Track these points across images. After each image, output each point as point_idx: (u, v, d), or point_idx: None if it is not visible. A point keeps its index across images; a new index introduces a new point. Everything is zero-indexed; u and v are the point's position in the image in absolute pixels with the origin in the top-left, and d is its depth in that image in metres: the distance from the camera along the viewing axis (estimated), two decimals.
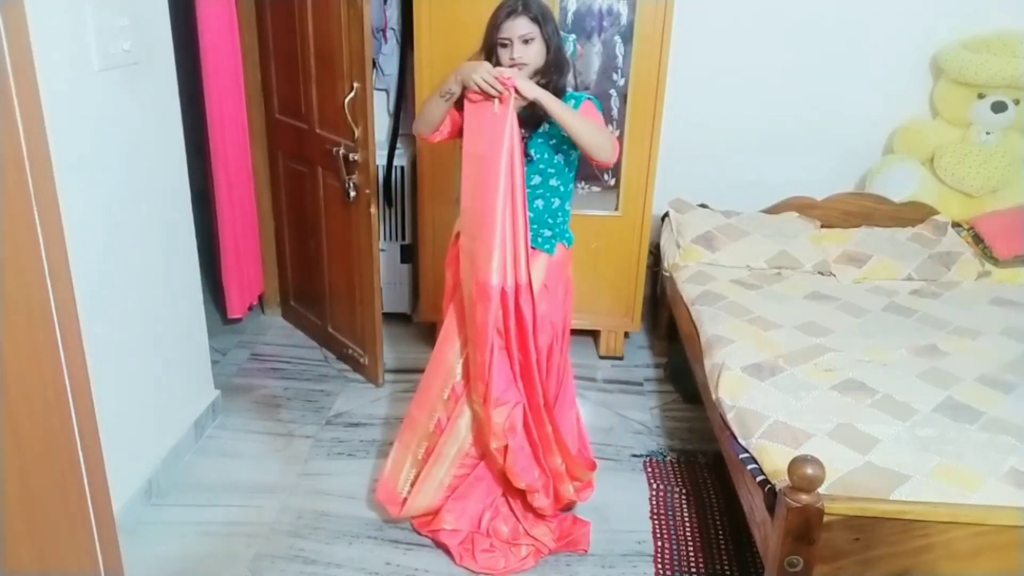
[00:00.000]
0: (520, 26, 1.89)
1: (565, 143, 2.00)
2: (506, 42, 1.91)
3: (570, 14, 2.84)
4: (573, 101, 1.99)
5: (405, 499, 2.22)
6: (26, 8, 1.32)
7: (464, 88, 1.87)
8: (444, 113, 1.98)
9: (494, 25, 1.92)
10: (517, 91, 1.83)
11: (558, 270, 2.10)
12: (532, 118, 1.96)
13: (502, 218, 1.88)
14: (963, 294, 2.86)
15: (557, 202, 2.08)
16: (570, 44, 2.74)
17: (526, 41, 1.90)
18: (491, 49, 1.94)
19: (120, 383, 2.15)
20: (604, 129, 1.97)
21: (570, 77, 2.06)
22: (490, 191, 1.87)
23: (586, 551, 2.21)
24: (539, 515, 2.22)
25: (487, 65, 1.86)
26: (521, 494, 2.22)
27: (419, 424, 2.20)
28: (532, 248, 2.05)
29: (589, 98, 2.03)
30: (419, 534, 2.24)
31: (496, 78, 1.82)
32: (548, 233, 2.08)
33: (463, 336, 2.12)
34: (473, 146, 1.91)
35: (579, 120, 1.89)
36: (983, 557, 1.65)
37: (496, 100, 1.85)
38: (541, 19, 1.90)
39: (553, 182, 2.04)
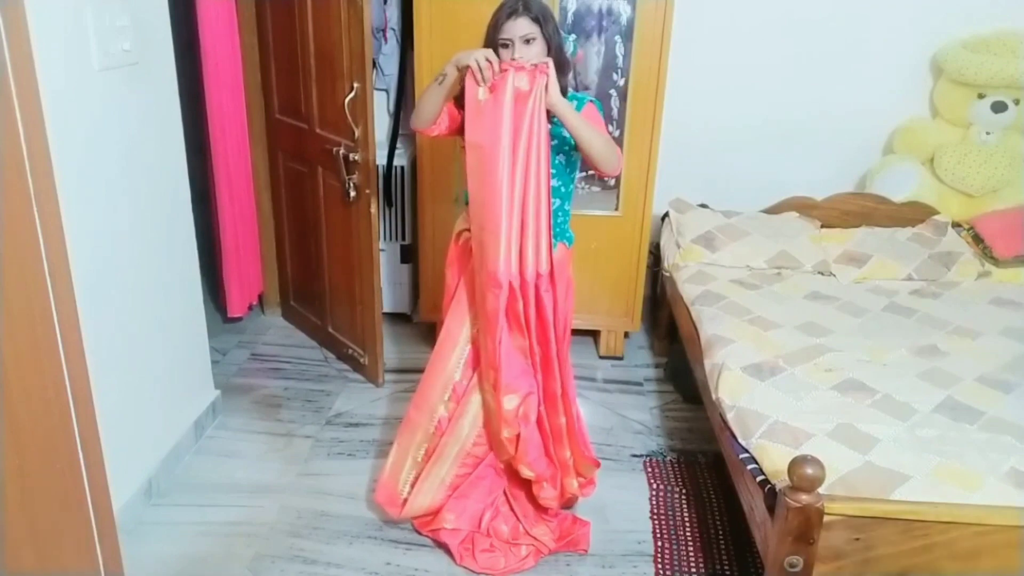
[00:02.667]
0: (521, 26, 1.89)
1: (567, 144, 2.00)
2: (507, 42, 1.90)
3: (570, 14, 2.84)
4: (575, 102, 1.99)
5: (405, 500, 2.22)
6: (26, 8, 1.32)
7: (461, 71, 1.88)
8: (440, 102, 1.97)
9: (495, 25, 1.92)
10: (546, 87, 1.83)
11: (559, 269, 2.10)
12: None
13: (509, 207, 1.87)
14: (963, 294, 2.86)
15: (557, 202, 2.08)
16: (570, 44, 2.74)
17: (527, 41, 1.89)
18: (492, 49, 1.94)
19: (120, 383, 2.15)
20: (609, 138, 1.98)
21: (570, 77, 2.06)
22: (492, 180, 1.87)
23: (586, 551, 2.21)
24: (540, 514, 2.22)
25: (489, 51, 1.86)
26: (523, 491, 2.22)
27: (418, 426, 2.20)
28: None
29: (592, 101, 2.03)
30: (419, 534, 2.24)
31: (501, 65, 1.85)
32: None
33: (474, 326, 2.12)
34: (472, 135, 1.91)
35: (592, 133, 1.91)
36: (983, 557, 1.65)
37: (483, 87, 1.85)
38: (542, 19, 1.90)
39: (554, 182, 2.04)
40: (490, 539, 2.18)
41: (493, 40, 1.93)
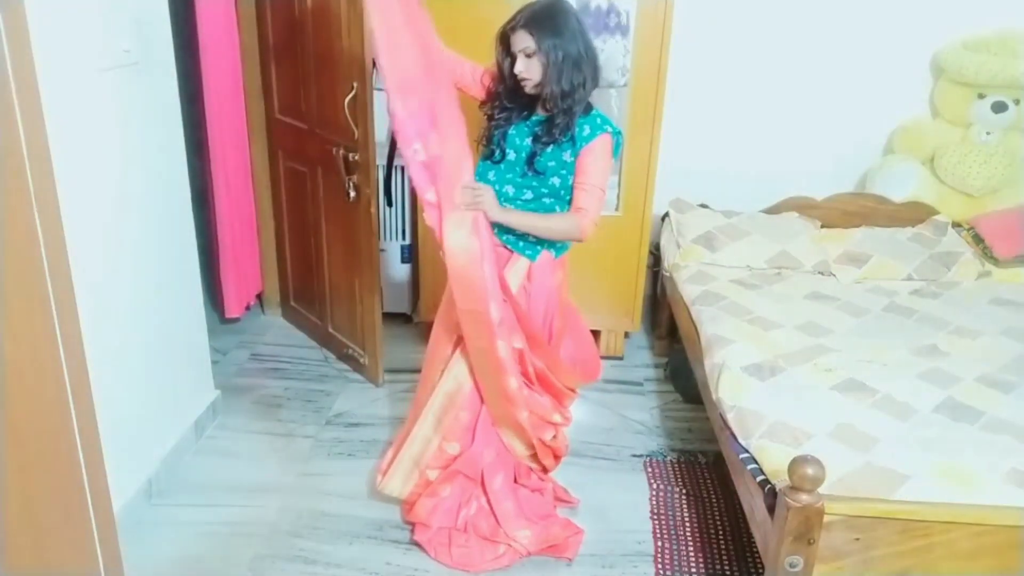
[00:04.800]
0: (520, 40, 1.87)
1: (565, 168, 1.97)
2: (513, 55, 1.89)
3: None
4: (588, 128, 1.94)
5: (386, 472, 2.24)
6: (26, 8, 1.32)
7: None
8: None
9: (500, 39, 1.92)
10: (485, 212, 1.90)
11: (541, 277, 2.08)
12: (545, 133, 1.94)
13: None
14: (963, 294, 2.86)
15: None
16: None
17: (528, 55, 1.87)
18: (500, 63, 1.94)
19: (120, 383, 2.15)
20: (568, 217, 1.98)
21: (583, 94, 1.91)
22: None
23: (571, 559, 2.18)
24: (524, 516, 2.20)
25: (468, 181, 1.89)
26: (503, 494, 2.19)
27: (421, 404, 2.19)
28: (512, 252, 2.05)
29: (608, 133, 1.94)
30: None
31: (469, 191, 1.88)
32: (532, 239, 2.05)
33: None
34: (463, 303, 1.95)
35: (545, 226, 1.98)
36: (983, 557, 1.65)
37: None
38: (538, 33, 1.84)
39: (547, 200, 2.02)
40: (467, 535, 2.17)
41: (499, 54, 1.93)
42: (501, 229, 2.03)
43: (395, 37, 1.83)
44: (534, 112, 2.00)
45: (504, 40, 1.92)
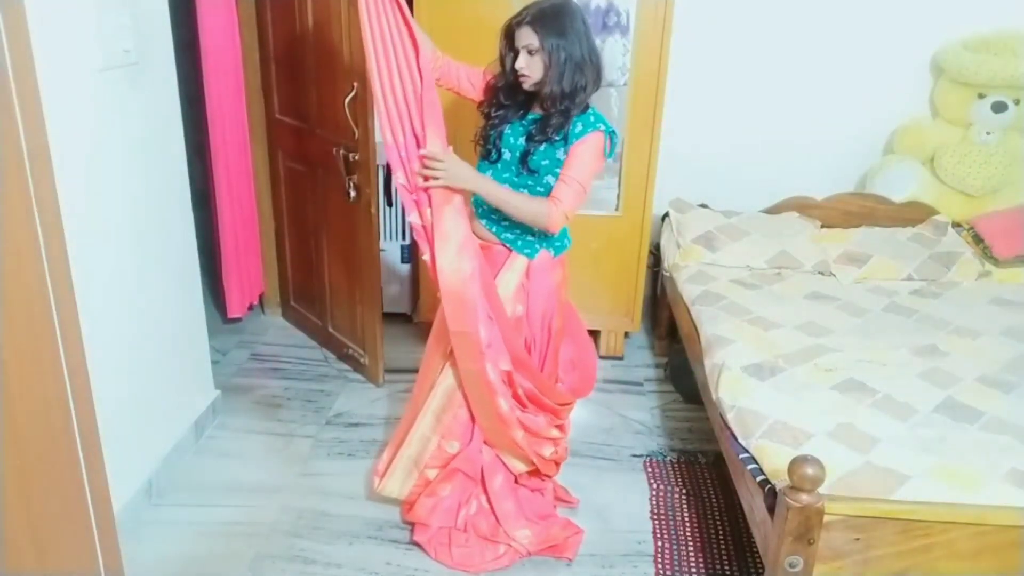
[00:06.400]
0: (523, 36, 1.87)
1: (558, 166, 1.96)
2: (516, 50, 1.89)
3: None
4: (581, 125, 1.92)
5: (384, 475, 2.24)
6: (26, 8, 1.32)
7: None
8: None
9: (505, 32, 1.92)
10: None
11: (540, 276, 2.07)
12: (539, 131, 1.94)
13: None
14: (963, 294, 2.86)
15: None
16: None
17: (531, 52, 1.87)
18: (503, 57, 1.93)
19: (120, 383, 2.15)
20: (539, 207, 1.93)
21: (584, 96, 1.91)
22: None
23: (571, 559, 2.18)
24: (524, 516, 2.20)
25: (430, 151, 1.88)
26: (502, 493, 2.19)
27: (416, 403, 2.20)
28: (511, 251, 2.05)
29: (600, 131, 1.92)
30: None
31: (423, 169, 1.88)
32: (531, 238, 2.04)
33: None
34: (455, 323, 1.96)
35: (513, 205, 1.93)
36: (983, 557, 1.65)
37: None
38: (542, 31, 1.84)
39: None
40: (467, 535, 2.17)
41: (503, 49, 1.92)
42: (500, 227, 2.03)
43: (388, 56, 1.84)
44: (530, 111, 2.01)
45: (509, 34, 1.91)
